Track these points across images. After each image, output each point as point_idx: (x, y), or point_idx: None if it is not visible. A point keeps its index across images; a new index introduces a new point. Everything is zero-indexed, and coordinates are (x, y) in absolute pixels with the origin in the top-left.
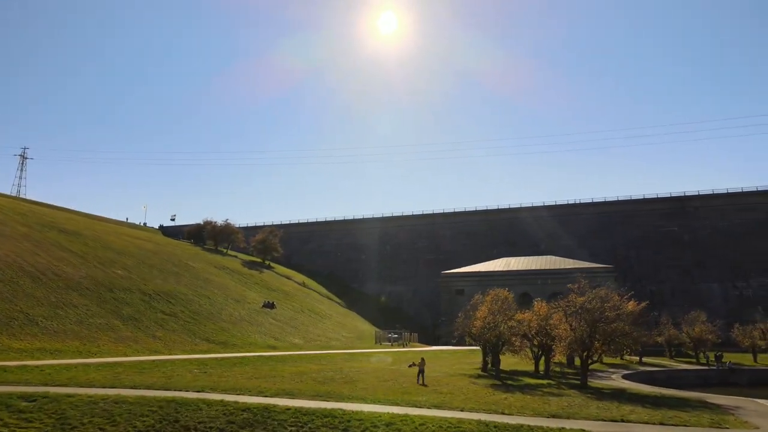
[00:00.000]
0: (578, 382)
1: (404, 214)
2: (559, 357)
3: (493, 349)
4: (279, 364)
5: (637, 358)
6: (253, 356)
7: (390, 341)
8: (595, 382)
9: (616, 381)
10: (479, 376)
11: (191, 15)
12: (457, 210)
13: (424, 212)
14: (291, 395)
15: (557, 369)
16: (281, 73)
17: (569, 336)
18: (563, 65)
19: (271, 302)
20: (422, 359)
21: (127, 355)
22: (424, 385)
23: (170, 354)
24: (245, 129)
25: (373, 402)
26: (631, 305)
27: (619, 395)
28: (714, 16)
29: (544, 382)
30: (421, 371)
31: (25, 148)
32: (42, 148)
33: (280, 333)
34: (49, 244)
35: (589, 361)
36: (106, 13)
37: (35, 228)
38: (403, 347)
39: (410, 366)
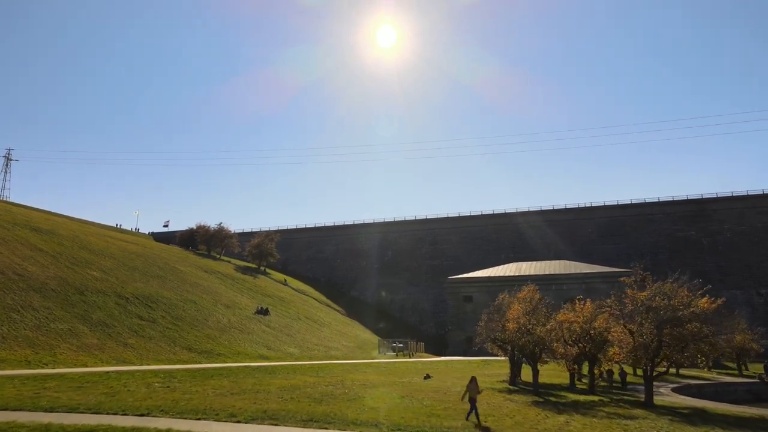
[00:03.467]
0: (632, 397)
1: (405, 219)
2: (605, 366)
3: (530, 357)
4: (267, 376)
5: (674, 369)
6: (237, 367)
7: (395, 351)
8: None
9: (669, 396)
10: (511, 391)
11: (194, 25)
12: (461, 214)
13: (427, 217)
14: (274, 419)
15: (603, 383)
16: (282, 83)
17: (629, 341)
18: (562, 69)
19: (264, 308)
20: (473, 379)
21: (87, 366)
22: (481, 425)
23: (141, 364)
24: (245, 137)
25: (391, 429)
26: (703, 302)
27: (705, 416)
28: (727, 12)
29: (595, 398)
30: (473, 401)
31: (9, 149)
32: (33, 151)
33: (274, 342)
34: (16, 242)
35: (655, 373)
36: (110, 21)
37: (4, 226)
38: (410, 357)
39: (425, 378)
